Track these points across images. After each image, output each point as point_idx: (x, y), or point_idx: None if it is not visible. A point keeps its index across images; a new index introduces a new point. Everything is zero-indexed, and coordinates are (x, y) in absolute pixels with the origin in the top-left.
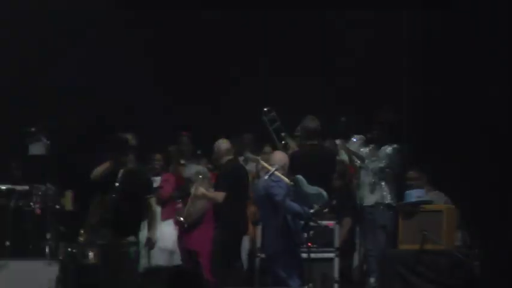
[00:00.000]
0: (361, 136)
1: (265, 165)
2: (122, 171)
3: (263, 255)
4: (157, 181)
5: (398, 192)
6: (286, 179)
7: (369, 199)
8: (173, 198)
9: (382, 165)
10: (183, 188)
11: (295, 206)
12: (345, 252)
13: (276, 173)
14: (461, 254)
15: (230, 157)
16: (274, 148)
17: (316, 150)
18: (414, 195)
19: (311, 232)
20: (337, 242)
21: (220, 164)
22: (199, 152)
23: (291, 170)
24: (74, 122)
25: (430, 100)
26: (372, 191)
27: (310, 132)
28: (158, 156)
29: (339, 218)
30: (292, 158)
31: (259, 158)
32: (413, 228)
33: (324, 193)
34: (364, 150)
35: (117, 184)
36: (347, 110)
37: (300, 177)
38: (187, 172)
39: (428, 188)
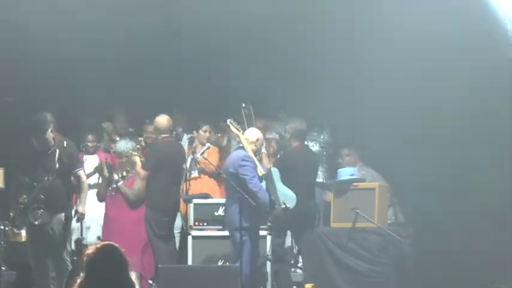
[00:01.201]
0: None
1: (244, 142)
2: (51, 148)
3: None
4: (90, 159)
5: (332, 171)
6: (259, 167)
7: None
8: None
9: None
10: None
11: (266, 197)
12: (278, 230)
13: (250, 153)
14: (393, 232)
15: (166, 135)
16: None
17: (306, 151)
18: (347, 173)
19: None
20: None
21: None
22: (131, 129)
23: (282, 170)
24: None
25: None
26: None
27: (300, 133)
28: (90, 137)
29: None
30: (284, 158)
31: (240, 133)
32: (346, 206)
33: (295, 197)
34: None
35: (46, 161)
36: None
37: (275, 169)
38: (118, 148)
39: (360, 165)
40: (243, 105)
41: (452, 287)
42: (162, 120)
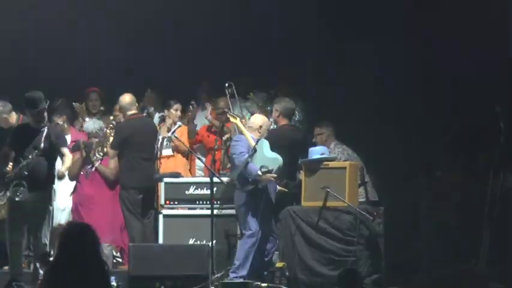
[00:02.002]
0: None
1: (242, 127)
2: (43, 126)
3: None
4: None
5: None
6: (252, 142)
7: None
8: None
9: None
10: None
11: (253, 169)
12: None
13: (244, 131)
14: (363, 210)
15: (132, 112)
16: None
17: (295, 130)
18: (317, 152)
19: (214, 189)
20: None
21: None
22: (102, 108)
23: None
24: None
25: None
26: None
27: (289, 111)
28: (62, 117)
29: None
30: (273, 136)
31: (237, 120)
32: (317, 185)
33: (281, 159)
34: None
35: (35, 139)
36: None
37: (264, 140)
38: (85, 128)
39: (335, 143)
40: (226, 84)
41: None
42: (125, 98)
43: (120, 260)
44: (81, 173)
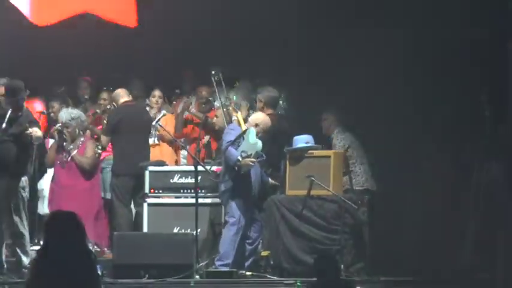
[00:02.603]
0: None
1: (241, 120)
2: (22, 114)
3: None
4: None
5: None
6: (243, 125)
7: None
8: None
9: None
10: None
11: (234, 155)
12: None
13: (243, 125)
14: (348, 199)
15: (125, 99)
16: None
17: (280, 119)
18: (302, 140)
19: (199, 177)
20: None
21: None
22: (86, 96)
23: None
24: None
25: None
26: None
27: (273, 100)
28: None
29: None
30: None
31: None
32: (301, 173)
33: (260, 144)
34: None
35: (3, 126)
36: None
37: (252, 129)
38: (59, 117)
39: (338, 129)
40: (213, 72)
41: (407, 254)
42: (119, 90)
43: (98, 249)
44: (57, 162)
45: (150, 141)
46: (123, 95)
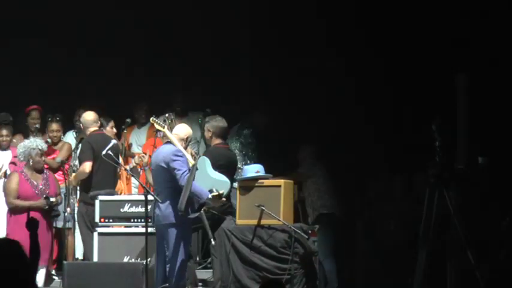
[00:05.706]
0: None
1: (171, 137)
2: None
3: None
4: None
5: None
6: (190, 158)
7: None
8: None
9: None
10: None
11: (199, 188)
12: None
13: (181, 148)
14: (298, 229)
15: (94, 128)
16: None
17: (227, 149)
18: (253, 170)
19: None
20: None
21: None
22: (37, 125)
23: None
24: None
25: None
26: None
27: (222, 130)
28: (4, 131)
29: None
30: (208, 156)
31: (165, 129)
32: (251, 203)
33: (229, 183)
34: None
35: None
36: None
37: (206, 158)
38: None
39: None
40: (166, 115)
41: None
42: (89, 114)
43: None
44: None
45: None
46: (92, 123)
